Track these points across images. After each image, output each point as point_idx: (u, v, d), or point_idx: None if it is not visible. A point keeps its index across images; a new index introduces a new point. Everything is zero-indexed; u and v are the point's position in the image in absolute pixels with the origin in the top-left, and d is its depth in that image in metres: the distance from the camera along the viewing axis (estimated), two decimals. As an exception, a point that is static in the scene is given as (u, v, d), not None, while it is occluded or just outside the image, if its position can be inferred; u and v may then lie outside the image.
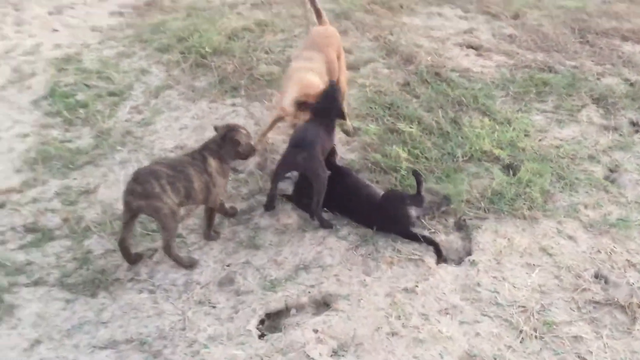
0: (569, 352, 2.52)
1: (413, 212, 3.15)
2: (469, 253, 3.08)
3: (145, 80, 4.79)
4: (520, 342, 2.57)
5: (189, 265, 2.97)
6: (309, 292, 2.80)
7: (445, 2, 6.68)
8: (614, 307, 2.75)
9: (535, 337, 2.59)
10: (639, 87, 4.78)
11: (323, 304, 2.78)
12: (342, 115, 3.45)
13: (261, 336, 2.60)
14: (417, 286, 2.82)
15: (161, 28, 5.70)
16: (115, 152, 3.88)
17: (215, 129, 3.15)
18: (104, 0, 6.55)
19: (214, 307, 2.73)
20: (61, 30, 5.71)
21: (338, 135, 3.87)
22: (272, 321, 2.72)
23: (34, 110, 4.34)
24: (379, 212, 3.15)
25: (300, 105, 3.40)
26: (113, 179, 3.62)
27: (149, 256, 3.04)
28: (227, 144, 3.04)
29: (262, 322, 2.70)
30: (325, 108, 3.35)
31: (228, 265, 2.97)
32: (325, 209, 3.25)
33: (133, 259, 2.97)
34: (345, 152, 3.87)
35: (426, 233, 3.16)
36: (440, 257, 3.04)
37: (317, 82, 3.51)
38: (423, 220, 3.24)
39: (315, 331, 2.57)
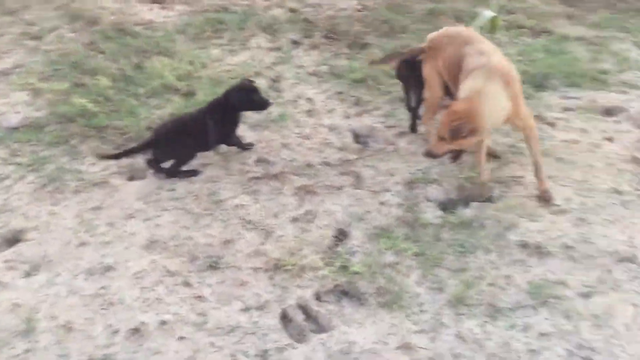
0: (233, 218, 3.07)
1: None
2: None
3: None
4: (195, 221, 3.05)
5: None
6: (-1, 233, 2.96)
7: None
8: (270, 179, 3.37)
9: (206, 214, 3.09)
10: (298, 13, 5.57)
11: (14, 240, 2.95)
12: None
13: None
14: (102, 204, 3.14)
15: None
16: None
17: None
18: None
19: None
20: None
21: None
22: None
23: None
24: None
25: None
26: None
27: None
28: None
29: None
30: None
31: None
32: None
33: None
34: (31, 111, 3.98)
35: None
36: None
37: None
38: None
39: (6, 261, 2.76)
